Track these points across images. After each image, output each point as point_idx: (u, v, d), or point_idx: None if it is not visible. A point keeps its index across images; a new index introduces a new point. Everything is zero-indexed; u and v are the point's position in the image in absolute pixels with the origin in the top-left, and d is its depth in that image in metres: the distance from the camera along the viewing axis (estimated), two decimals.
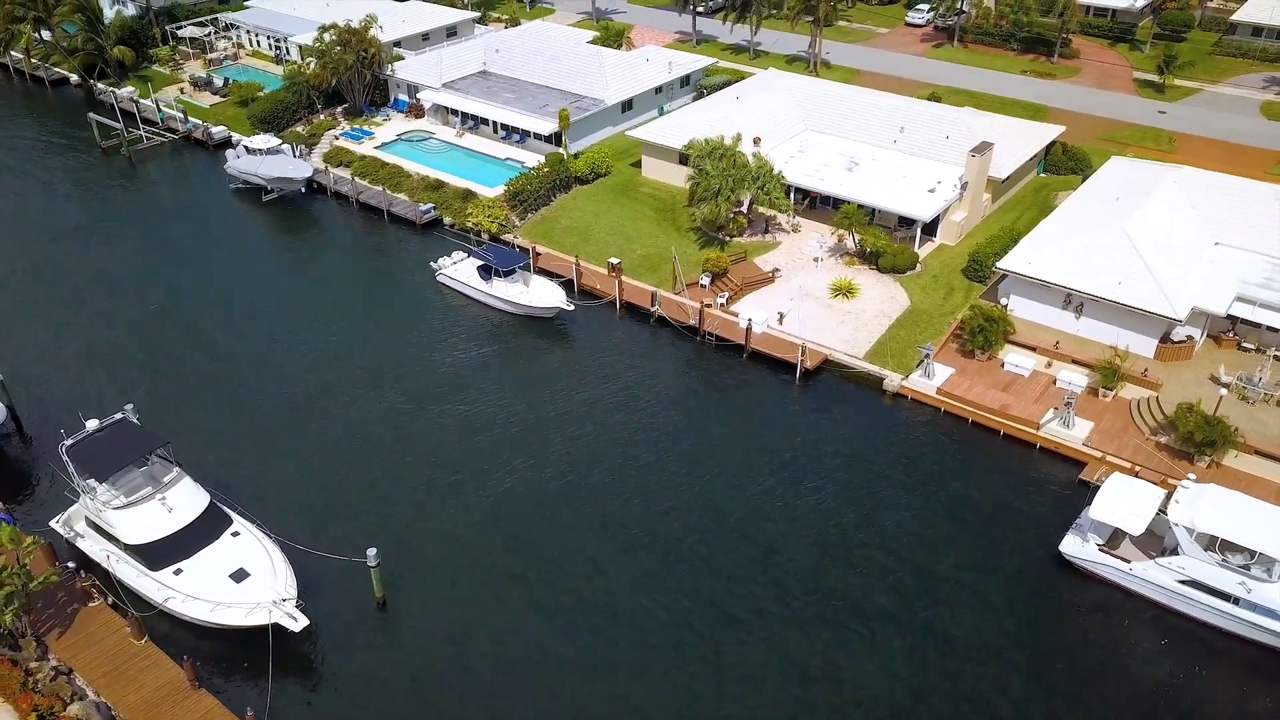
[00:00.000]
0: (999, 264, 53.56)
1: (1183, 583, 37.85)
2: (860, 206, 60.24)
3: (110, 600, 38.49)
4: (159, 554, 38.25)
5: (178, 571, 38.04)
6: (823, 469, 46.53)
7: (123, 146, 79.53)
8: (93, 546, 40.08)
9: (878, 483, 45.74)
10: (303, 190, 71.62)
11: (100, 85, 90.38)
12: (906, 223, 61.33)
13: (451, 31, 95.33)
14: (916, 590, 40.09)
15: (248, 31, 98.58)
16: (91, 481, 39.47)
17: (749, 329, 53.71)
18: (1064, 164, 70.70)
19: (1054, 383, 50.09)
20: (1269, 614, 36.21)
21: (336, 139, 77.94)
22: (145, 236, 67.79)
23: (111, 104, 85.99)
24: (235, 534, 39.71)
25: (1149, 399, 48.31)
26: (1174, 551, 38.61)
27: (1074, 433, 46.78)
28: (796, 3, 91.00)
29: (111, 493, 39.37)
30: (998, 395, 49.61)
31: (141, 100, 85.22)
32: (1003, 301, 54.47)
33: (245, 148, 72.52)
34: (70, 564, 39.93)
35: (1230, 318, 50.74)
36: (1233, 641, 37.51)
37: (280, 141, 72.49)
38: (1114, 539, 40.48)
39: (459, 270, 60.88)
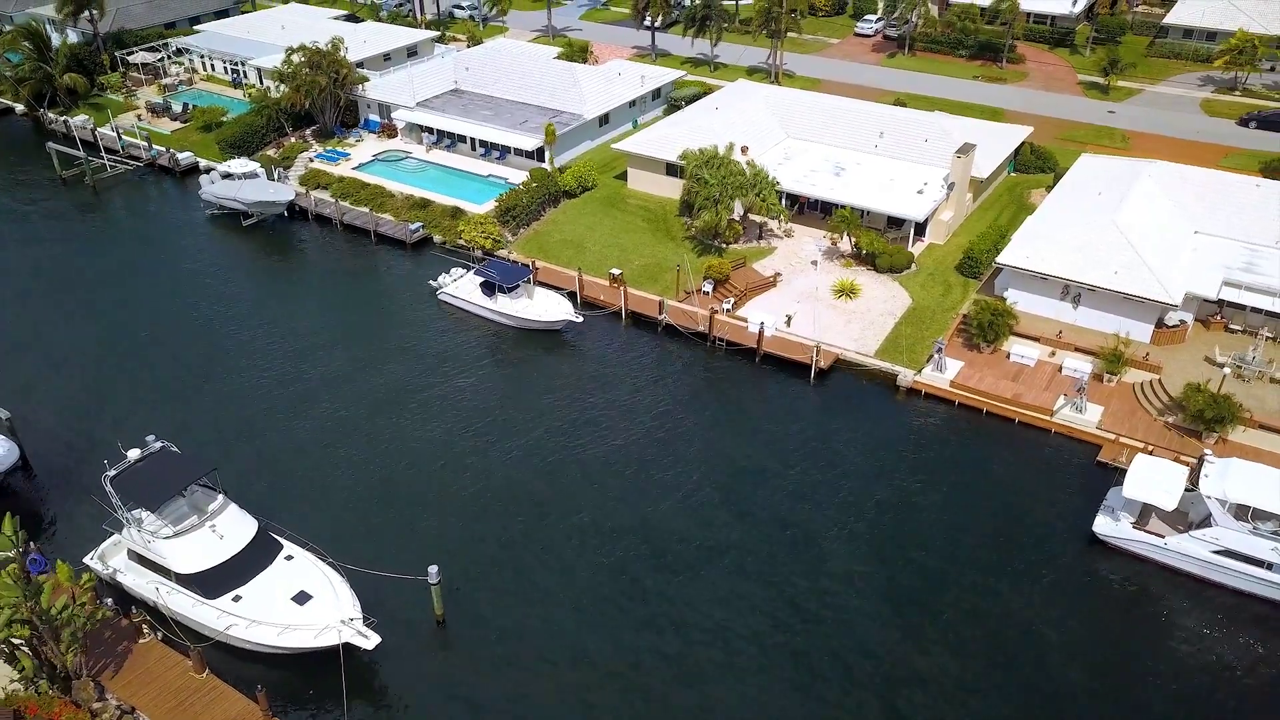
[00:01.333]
0: (999, 259, 55.52)
1: (1217, 553, 39.74)
2: (853, 210, 61.87)
3: (161, 635, 37.52)
4: (215, 582, 37.42)
5: (236, 598, 37.26)
6: (848, 464, 47.59)
7: (86, 176, 77.28)
8: (138, 580, 38.94)
9: (903, 475, 46.94)
10: (285, 214, 70.54)
11: (50, 114, 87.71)
12: (896, 223, 63.14)
13: (412, 51, 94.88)
14: (955, 575, 41.23)
15: (201, 56, 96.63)
16: (138, 512, 38.43)
17: (761, 332, 54.67)
18: (1033, 163, 73.58)
19: (1059, 371, 52.08)
20: None
21: (311, 161, 76.94)
22: (127, 266, 65.94)
23: (64, 133, 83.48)
24: (289, 557, 39.07)
25: (1152, 381, 50.59)
26: (1203, 524, 40.53)
27: (1087, 417, 48.74)
28: (757, 16, 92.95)
29: (158, 523, 38.37)
30: (1009, 385, 51.39)
31: (99, 128, 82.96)
32: (1002, 295, 56.43)
33: (221, 173, 71.21)
34: (108, 600, 38.74)
35: (1218, 301, 53.41)
36: (1267, 606, 39.47)
37: (258, 165, 71.25)
38: (1142, 516, 42.31)
39: (460, 288, 60.67)
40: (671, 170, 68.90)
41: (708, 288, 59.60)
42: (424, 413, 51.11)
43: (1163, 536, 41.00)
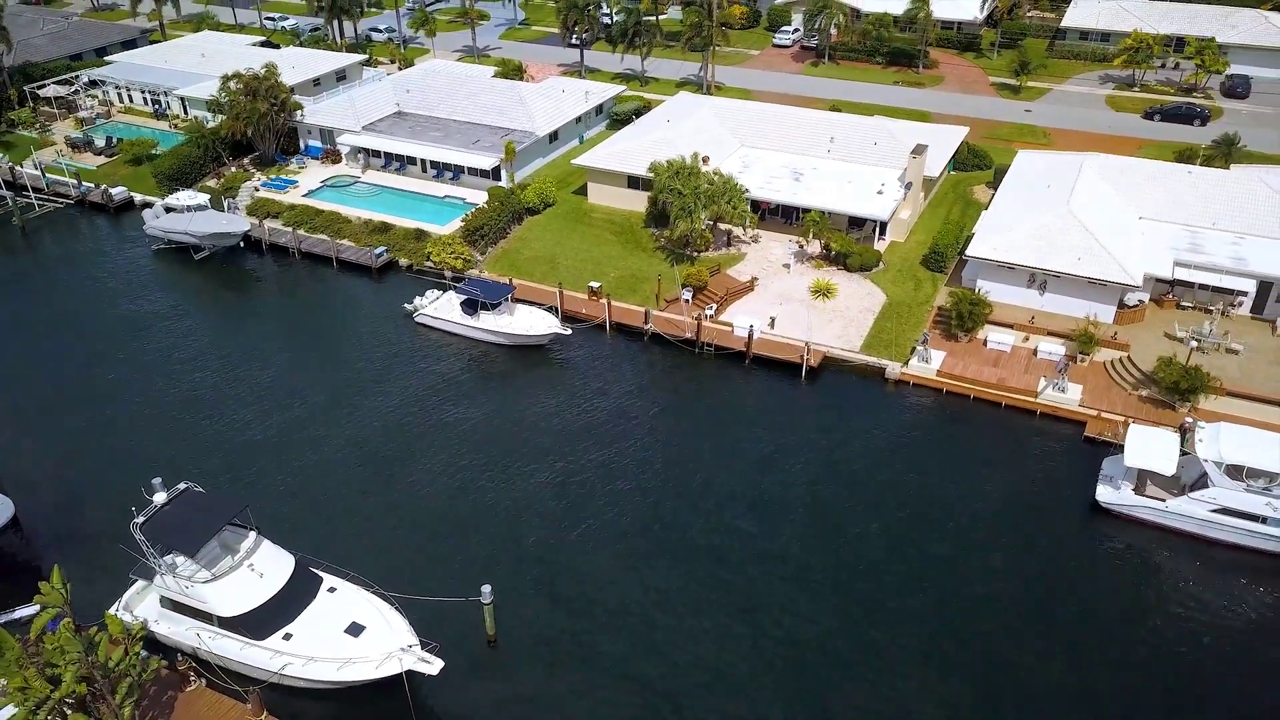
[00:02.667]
0: (968, 252, 58.14)
1: (1215, 511, 42.62)
2: (820, 213, 63.87)
3: (205, 682, 36.27)
4: (261, 622, 36.34)
5: (287, 636, 36.27)
6: (851, 455, 49.19)
7: (14, 216, 73.53)
8: (174, 628, 37.44)
9: (904, 462, 48.75)
10: (241, 245, 68.63)
11: None
12: (857, 224, 65.41)
13: (341, 76, 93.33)
14: (968, 552, 43.06)
15: (117, 88, 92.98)
16: (171, 557, 37.03)
17: (750, 335, 55.93)
18: (970, 161, 77.14)
19: (1034, 354, 54.88)
20: None
21: (257, 190, 74.94)
22: (80, 308, 62.91)
23: None
24: (331, 590, 38.23)
25: (1121, 359, 53.80)
26: (1198, 485, 43.44)
27: (1069, 396, 51.51)
28: (687, 29, 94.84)
29: (194, 567, 37.05)
30: (991, 371, 53.90)
31: (17, 166, 79.06)
32: (971, 286, 59.06)
33: (165, 206, 68.94)
34: (141, 650, 37.16)
35: (1170, 281, 57.13)
36: (1263, 557, 42.49)
37: (208, 197, 69.17)
38: (1139, 483, 45.02)
39: (439, 309, 60.19)
40: (634, 183, 69.78)
41: (687, 295, 60.59)
42: (427, 435, 50.55)
43: (1163, 500, 43.72)
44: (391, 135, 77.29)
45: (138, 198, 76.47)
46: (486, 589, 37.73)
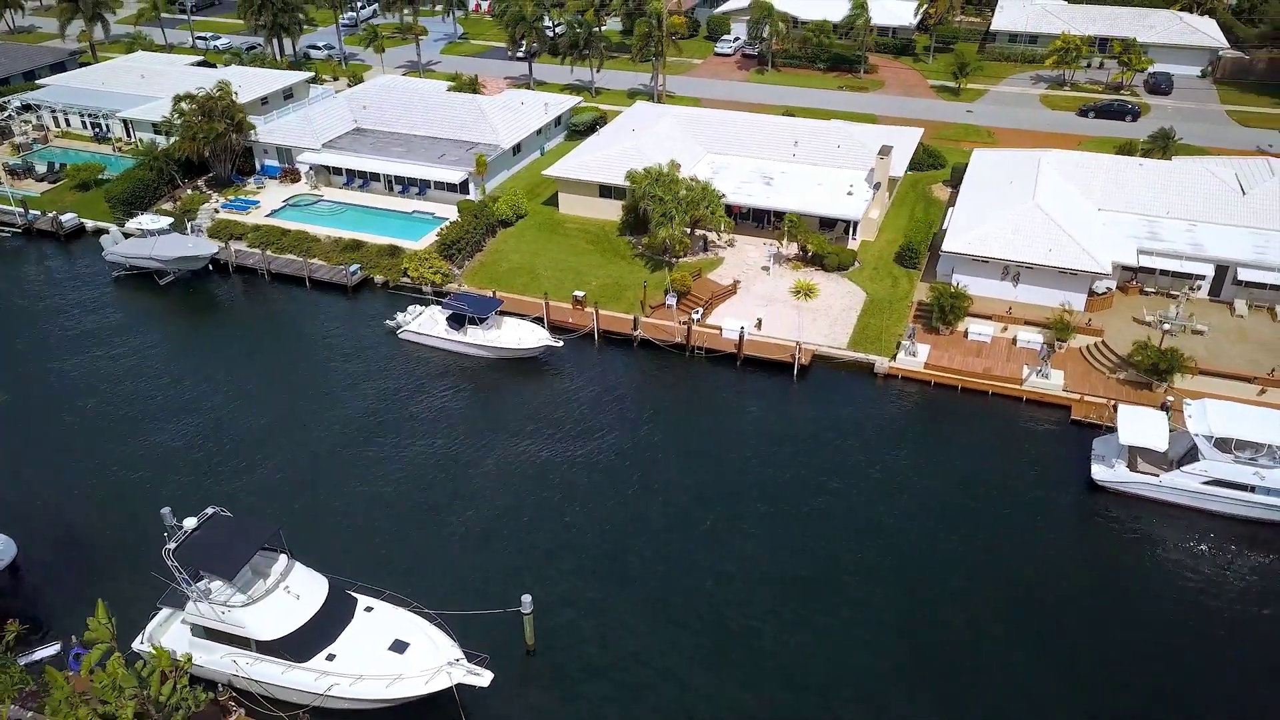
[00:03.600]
0: (945, 247, 59.99)
1: (1206, 483, 44.89)
2: (796, 215, 65.25)
3: (244, 710, 35.51)
4: (303, 644, 35.75)
5: (330, 657, 35.75)
6: (848, 448, 50.46)
7: None
8: (208, 657, 36.42)
9: (902, 451, 50.26)
10: (210, 268, 67.06)
11: None
12: (828, 225, 66.94)
13: (288, 94, 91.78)
14: (977, 533, 44.64)
15: (52, 111, 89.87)
16: (206, 583, 36.17)
17: (741, 337, 56.84)
18: (925, 161, 79.52)
19: (1014, 344, 56.97)
20: (1279, 494, 43.92)
21: (217, 212, 73.29)
22: (50, 340, 60.61)
23: None
24: (368, 609, 37.78)
25: (1096, 344, 56.19)
26: (1187, 459, 45.70)
27: (1053, 382, 53.60)
28: (637, 40, 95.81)
29: (228, 592, 36.25)
30: (975, 361, 55.77)
31: None
32: (946, 280, 60.97)
33: (125, 231, 67.09)
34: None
35: (1133, 268, 59.84)
36: (1253, 526, 44.85)
37: (171, 220, 67.47)
38: (1130, 461, 47.13)
39: (423, 324, 59.77)
40: (606, 192, 70.29)
41: (671, 301, 61.26)
42: (431, 451, 50.19)
43: (1157, 475, 45.86)
44: (354, 152, 76.40)
45: (89, 224, 74.10)
46: (527, 599, 37.73)
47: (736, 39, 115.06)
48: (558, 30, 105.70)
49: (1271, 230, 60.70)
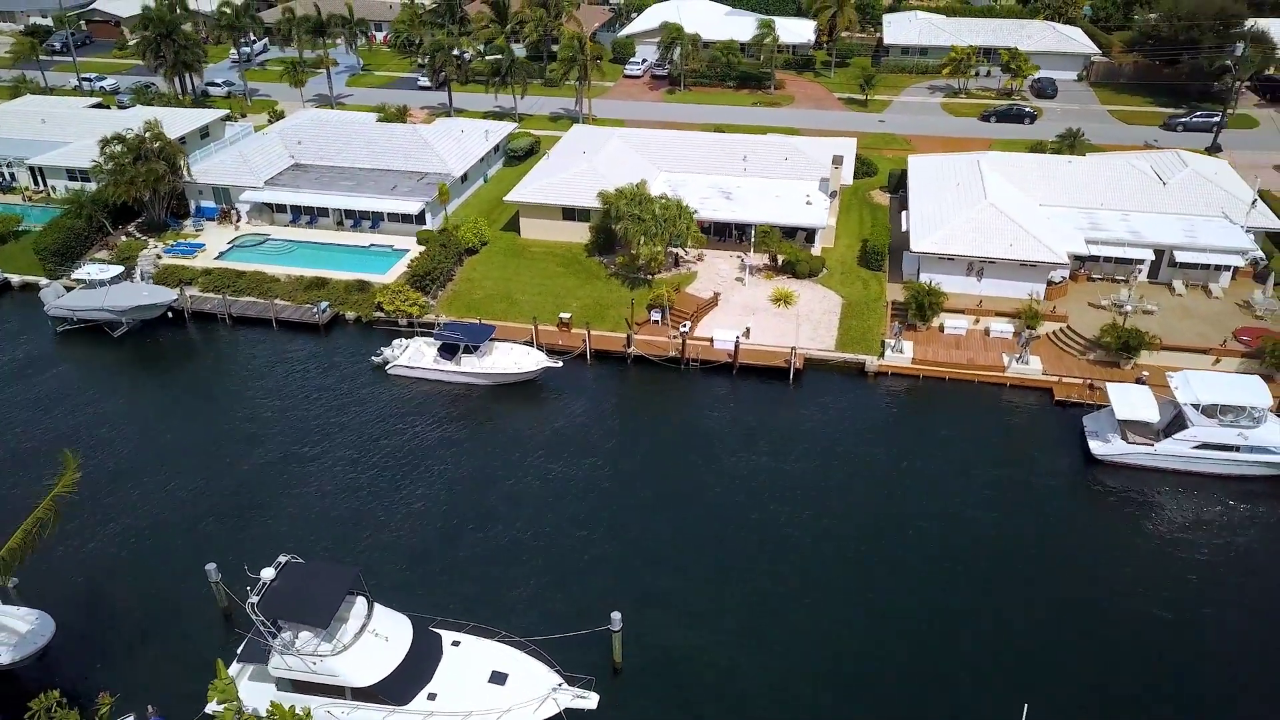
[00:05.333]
0: (913, 247, 63.06)
1: (1197, 448, 48.85)
2: (754, 226, 67.41)
3: None
4: (402, 686, 34.90)
5: (432, 696, 35.00)
6: (850, 442, 52.70)
7: None
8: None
9: (904, 442, 52.84)
10: (168, 316, 64.00)
11: None
12: (789, 234, 69.31)
13: (204, 133, 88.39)
14: (989, 511, 47.29)
15: None
16: (289, 634, 34.85)
17: (736, 346, 58.29)
18: (860, 169, 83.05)
19: (987, 334, 60.44)
20: (1263, 451, 48.23)
21: (160, 258, 69.97)
22: (6, 410, 56.91)
23: None
24: (456, 643, 37.16)
25: (1062, 328, 60.19)
26: (1174, 427, 49.63)
27: (1032, 367, 57.15)
28: (559, 66, 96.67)
29: (316, 640, 35.05)
30: (957, 353, 58.91)
31: None
32: (912, 279, 64.11)
33: (72, 283, 63.61)
34: None
35: (1084, 257, 64.33)
36: (1240, 482, 49.03)
37: (122, 268, 64.19)
38: (1123, 434, 50.80)
39: (413, 357, 58.81)
40: (569, 214, 70.75)
41: (656, 316, 62.23)
42: (458, 482, 49.56)
43: (1151, 445, 49.60)
44: (298, 188, 74.31)
45: (15, 279, 69.58)
46: (616, 616, 37.83)
47: (643, 60, 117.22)
48: (467, 58, 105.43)
49: (1194, 215, 66.43)
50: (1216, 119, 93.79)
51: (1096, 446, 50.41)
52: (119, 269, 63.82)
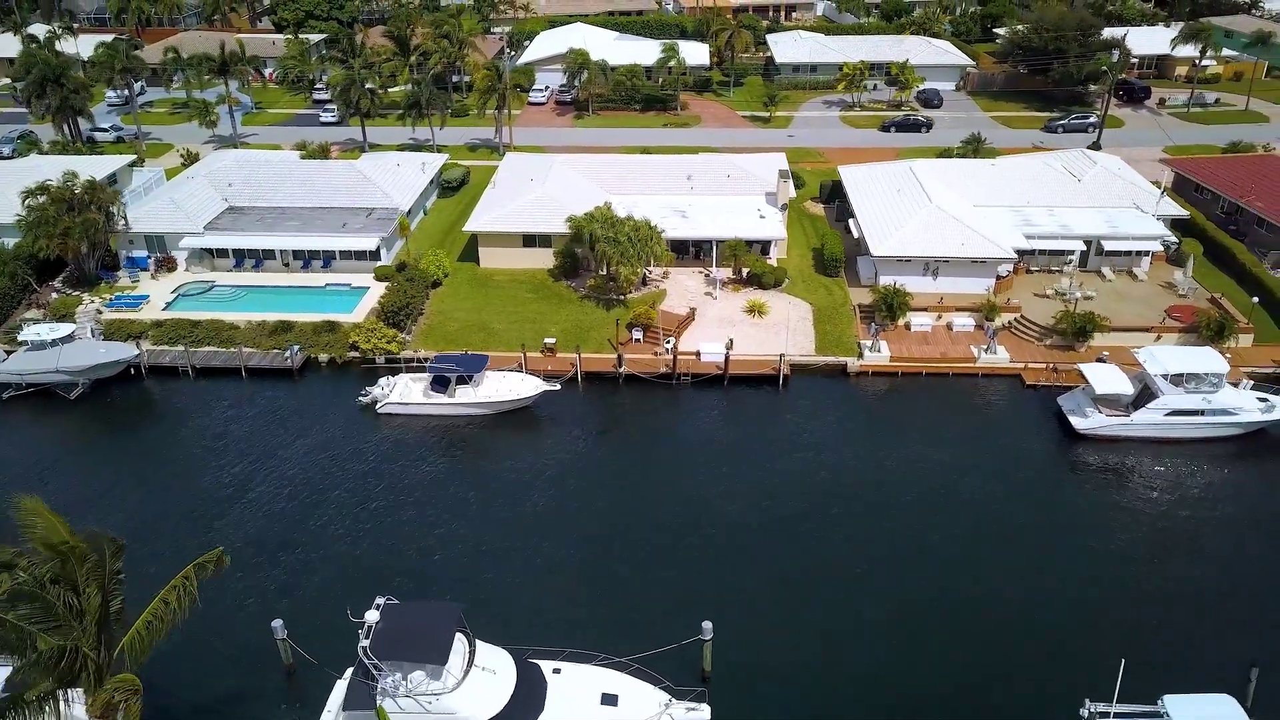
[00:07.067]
0: (874, 252, 66.41)
1: (1168, 415, 53.59)
2: (716, 242, 69.58)
3: None
4: (518, 718, 34.70)
5: None
6: (847, 439, 55.32)
7: None
8: None
9: (894, 435, 55.56)
10: (130, 373, 60.67)
11: None
12: (748, 246, 71.70)
13: (112, 180, 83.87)
14: (989, 488, 50.60)
15: None
16: (398, 675, 34.13)
17: (726, 358, 60.04)
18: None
19: (950, 329, 64.32)
20: (1223, 413, 53.41)
21: (100, 314, 66.22)
22: None
23: None
24: (557, 671, 37.10)
25: (1016, 318, 64.66)
26: (1143, 399, 54.31)
27: (1001, 357, 61.23)
28: (478, 96, 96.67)
29: (428, 680, 34.44)
30: (928, 349, 62.46)
31: None
32: (869, 282, 67.51)
33: (14, 345, 59.68)
34: None
35: (1023, 251, 69.20)
36: (1205, 444, 54.04)
37: (74, 326, 60.53)
38: (1099, 409, 55.22)
39: (403, 393, 57.89)
40: (529, 241, 71.05)
41: (638, 335, 63.33)
42: (474, 513, 49.22)
43: (1127, 415, 54.10)
44: (241, 231, 71.80)
45: None
46: (708, 625, 38.59)
47: (546, 88, 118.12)
48: (374, 91, 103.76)
49: (1110, 208, 72.56)
50: (1091, 120, 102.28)
51: (1078, 422, 54.54)
52: (69, 328, 60.10)
